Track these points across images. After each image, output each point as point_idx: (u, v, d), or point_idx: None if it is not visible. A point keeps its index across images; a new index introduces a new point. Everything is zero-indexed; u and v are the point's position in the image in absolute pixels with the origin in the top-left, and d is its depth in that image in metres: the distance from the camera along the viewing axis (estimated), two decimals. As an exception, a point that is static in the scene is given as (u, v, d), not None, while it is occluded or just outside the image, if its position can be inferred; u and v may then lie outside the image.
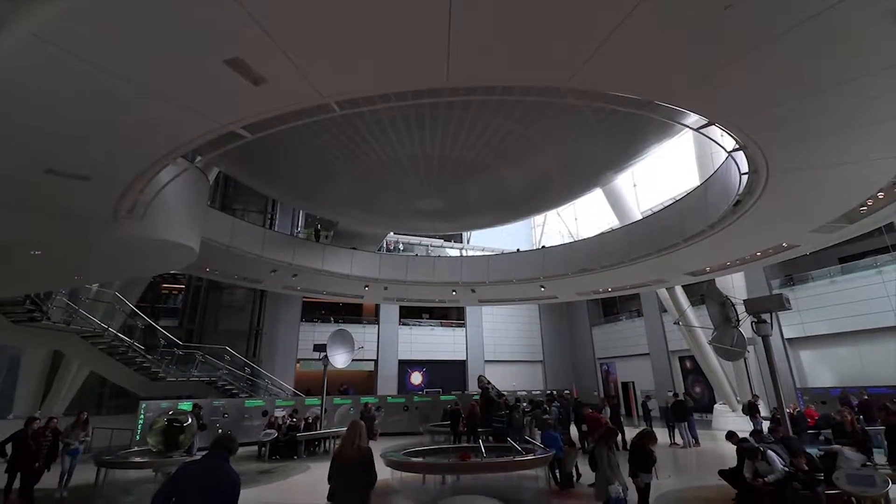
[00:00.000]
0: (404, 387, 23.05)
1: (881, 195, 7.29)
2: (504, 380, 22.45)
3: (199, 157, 7.01)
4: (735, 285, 15.22)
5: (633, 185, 22.39)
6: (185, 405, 11.96)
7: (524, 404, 12.73)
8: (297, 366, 21.22)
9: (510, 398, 14.24)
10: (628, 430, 11.65)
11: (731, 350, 8.63)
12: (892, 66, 4.10)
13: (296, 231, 21.46)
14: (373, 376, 23.03)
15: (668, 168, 20.36)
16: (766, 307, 7.20)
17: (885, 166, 6.24)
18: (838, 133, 5.36)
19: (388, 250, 23.56)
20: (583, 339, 26.26)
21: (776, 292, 13.90)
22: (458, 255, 24.48)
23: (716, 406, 16.65)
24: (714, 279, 13.80)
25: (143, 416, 12.02)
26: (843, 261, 15.25)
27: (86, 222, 6.22)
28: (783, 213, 8.29)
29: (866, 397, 11.17)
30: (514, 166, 10.09)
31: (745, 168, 6.81)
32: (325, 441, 12.83)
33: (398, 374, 23.21)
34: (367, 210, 13.45)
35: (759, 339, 7.35)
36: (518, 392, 19.34)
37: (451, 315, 26.35)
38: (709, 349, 15.71)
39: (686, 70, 4.23)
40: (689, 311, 16.43)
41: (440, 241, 26.75)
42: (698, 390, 19.03)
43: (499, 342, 25.93)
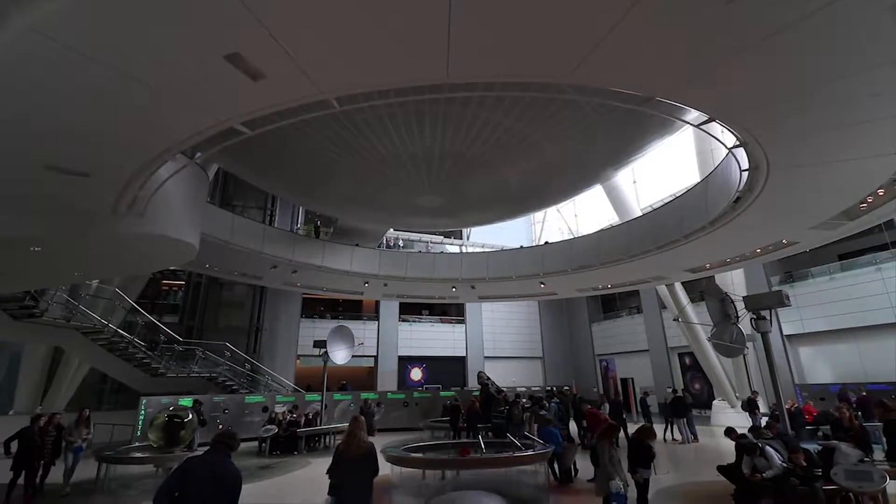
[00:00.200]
0: (404, 383, 23.12)
1: (881, 192, 7.28)
2: (504, 376, 22.54)
3: (198, 154, 6.98)
4: (735, 282, 15.25)
5: (634, 182, 22.37)
6: (186, 401, 11.98)
7: (524, 400, 12.78)
8: (298, 362, 21.27)
9: (510, 394, 14.29)
10: (628, 427, 11.69)
11: (731, 346, 8.66)
12: (892, 63, 4.08)
13: (295, 227, 21.45)
14: (373, 372, 23.10)
15: (669, 165, 20.32)
16: (765, 304, 7.22)
17: (885, 163, 6.23)
18: (839, 129, 5.34)
19: (388, 247, 23.56)
20: (582, 336, 26.31)
21: (776, 289, 13.88)
22: (457, 251, 24.48)
23: (714, 402, 16.70)
24: (714, 276, 13.82)
25: (143, 412, 12.06)
26: (842, 258, 15.25)
27: (85, 218, 6.22)
28: (783, 210, 8.28)
29: (865, 394, 11.22)
30: (514, 163, 10.07)
31: (745, 165, 6.80)
32: (326, 437, 12.88)
33: (398, 371, 23.27)
34: (367, 206, 13.44)
35: (759, 335, 7.37)
36: (517, 388, 19.40)
37: (450, 311, 26.39)
38: (708, 346, 15.73)
39: (686, 66, 4.21)
40: (689, 308, 16.44)
41: (440, 238, 26.75)
42: (697, 386, 19.09)
43: (498, 338, 25.99)
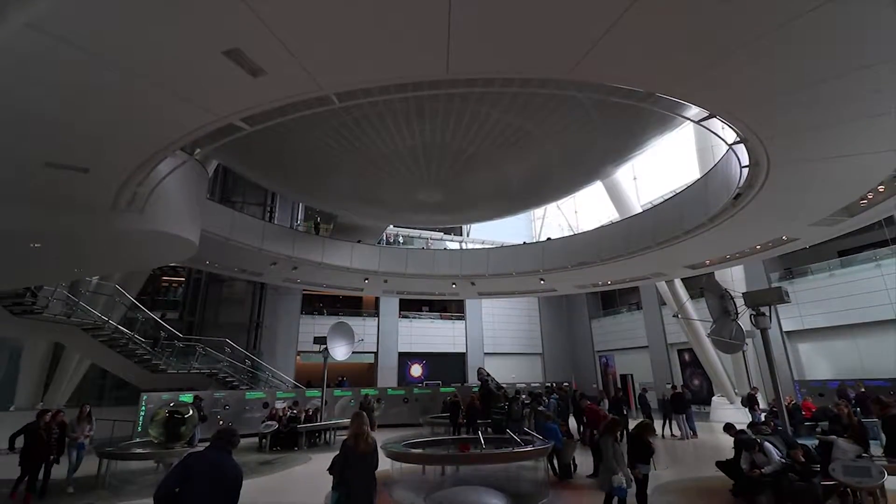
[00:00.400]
0: (404, 379, 23.18)
1: (881, 188, 7.28)
2: (503, 372, 22.56)
3: (197, 150, 6.97)
4: (734, 278, 15.27)
5: (634, 179, 22.34)
6: (186, 397, 12.02)
7: (523, 396, 12.81)
8: (298, 358, 21.31)
9: (509, 390, 14.33)
10: (629, 423, 11.72)
11: (730, 343, 8.67)
12: (893, 60, 4.07)
13: (295, 224, 21.44)
14: (373, 368, 23.16)
15: (669, 161, 20.29)
16: (765, 300, 7.23)
17: (886, 159, 6.22)
18: (839, 126, 5.33)
19: (388, 243, 23.56)
20: (582, 332, 26.36)
21: (775, 285, 13.90)
22: (457, 247, 24.48)
23: (714, 398, 16.77)
24: (713, 272, 13.83)
25: (144, 408, 12.08)
26: (842, 254, 15.25)
27: (85, 214, 6.21)
28: (783, 206, 8.28)
29: (863, 390, 11.25)
30: (514, 159, 10.05)
31: (745, 161, 6.80)
32: (326, 432, 12.93)
33: (398, 367, 23.33)
34: (367, 203, 13.42)
35: (758, 331, 7.38)
36: (517, 384, 19.45)
37: (450, 308, 26.41)
38: (707, 342, 15.76)
39: (686, 62, 4.20)
40: (688, 304, 16.47)
41: (440, 234, 26.74)
42: (696, 383, 19.15)
43: (498, 335, 26.04)
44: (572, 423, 12.29)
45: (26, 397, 13.93)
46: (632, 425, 6.63)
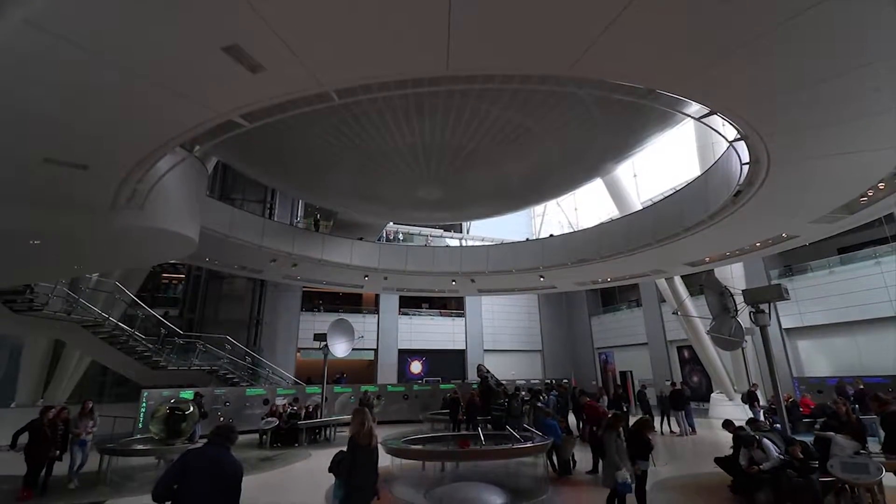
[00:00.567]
0: (404, 375, 23.23)
1: (881, 185, 7.27)
2: (503, 369, 22.60)
3: (197, 147, 6.95)
4: (734, 275, 15.27)
5: (634, 176, 22.31)
6: (187, 394, 12.04)
7: (523, 393, 12.84)
8: (298, 355, 21.35)
9: (509, 387, 14.36)
10: (629, 419, 11.76)
11: (729, 340, 8.68)
12: (893, 58, 4.06)
13: (295, 221, 21.43)
14: (373, 365, 23.21)
15: (669, 158, 20.26)
16: (764, 297, 7.23)
17: (886, 157, 6.21)
18: (840, 123, 5.32)
19: (388, 240, 23.55)
20: (582, 329, 26.39)
21: (775, 282, 13.91)
22: (457, 244, 24.47)
23: (713, 395, 16.81)
24: (713, 269, 13.83)
25: (145, 405, 12.12)
26: (842, 251, 15.25)
27: (85, 212, 6.21)
28: (783, 203, 8.27)
29: (862, 387, 11.27)
30: (514, 156, 10.04)
31: (746, 158, 6.78)
32: (326, 429, 12.96)
33: (398, 363, 23.38)
34: (367, 199, 13.41)
35: (757, 328, 7.39)
36: (517, 381, 19.50)
37: (450, 305, 26.44)
38: (707, 339, 15.80)
39: (686, 59, 4.18)
40: (688, 301, 16.48)
41: (440, 231, 26.72)
42: (696, 379, 19.19)
43: (498, 332, 26.07)
44: (572, 419, 12.33)
45: (27, 394, 13.95)
46: (631, 422, 6.65)
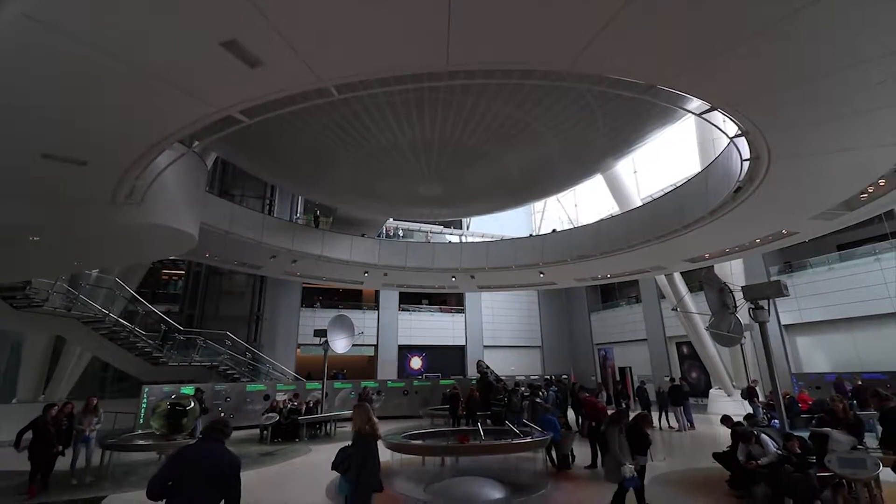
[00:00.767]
0: (404, 371, 23.31)
1: (882, 182, 7.26)
2: (503, 365, 22.70)
3: (196, 142, 6.93)
4: (733, 272, 15.29)
5: (634, 172, 22.28)
6: (188, 389, 12.08)
7: (522, 388, 12.89)
8: (298, 351, 21.40)
9: (508, 383, 14.42)
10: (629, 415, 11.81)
11: (728, 336, 8.70)
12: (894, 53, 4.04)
13: (295, 217, 21.42)
14: (373, 361, 23.27)
15: (670, 155, 20.23)
16: (764, 294, 7.23)
17: (887, 153, 6.20)
18: (841, 119, 5.30)
19: (388, 236, 23.55)
20: (581, 325, 26.45)
21: (774, 279, 13.93)
22: (457, 241, 24.47)
23: (711, 391, 16.87)
24: (713, 266, 13.85)
25: (146, 400, 12.16)
26: (841, 248, 15.26)
27: (84, 207, 6.20)
28: (783, 200, 8.26)
29: (860, 383, 11.31)
30: (515, 152, 10.02)
31: (746, 154, 6.77)
32: (326, 424, 13.02)
33: (398, 359, 23.43)
34: (367, 196, 13.39)
35: (756, 325, 7.40)
36: (516, 377, 19.56)
37: (450, 301, 26.48)
38: (706, 335, 15.84)
39: (686, 55, 4.16)
40: (688, 298, 16.51)
41: (440, 228, 26.73)
42: (694, 375, 19.25)
43: (498, 328, 26.12)
44: (571, 415, 12.39)
45: (28, 390, 13.99)
46: (630, 418, 6.67)
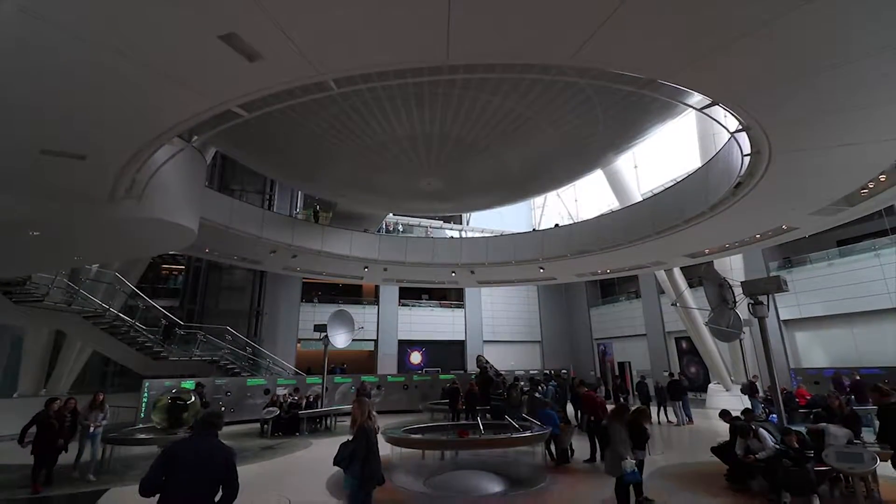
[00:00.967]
0: (404, 366, 23.38)
1: (883, 177, 7.25)
2: (502, 360, 22.75)
3: (195, 137, 6.91)
4: (733, 267, 15.31)
5: (634, 167, 22.21)
6: (188, 384, 12.11)
7: (522, 383, 12.93)
8: (298, 345, 21.46)
9: (508, 377, 14.46)
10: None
11: (727, 331, 8.72)
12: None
13: (295, 212, 21.37)
14: (373, 356, 23.34)
15: (670, 150, 20.16)
16: (763, 289, 7.24)
17: (888, 148, 6.18)
18: (842, 113, 5.28)
19: (388, 231, 23.53)
20: (581, 320, 26.51)
21: (774, 274, 13.93)
22: (457, 236, 24.45)
23: (710, 386, 16.94)
24: (712, 261, 13.85)
25: (147, 395, 12.20)
26: (841, 244, 15.26)
27: (84, 202, 6.18)
28: (784, 195, 8.25)
29: (858, 378, 11.34)
30: (515, 146, 9.99)
31: (747, 149, 6.75)
32: (327, 418, 13.08)
33: (398, 354, 23.51)
34: (367, 190, 13.37)
35: (755, 320, 7.41)
36: (516, 371, 19.62)
37: (450, 296, 26.50)
38: (705, 330, 15.87)
39: (687, 48, 4.14)
40: (687, 293, 16.52)
41: (440, 223, 26.70)
42: (693, 370, 19.32)
43: (497, 323, 26.17)
44: (570, 409, 12.44)
45: (29, 384, 14.01)
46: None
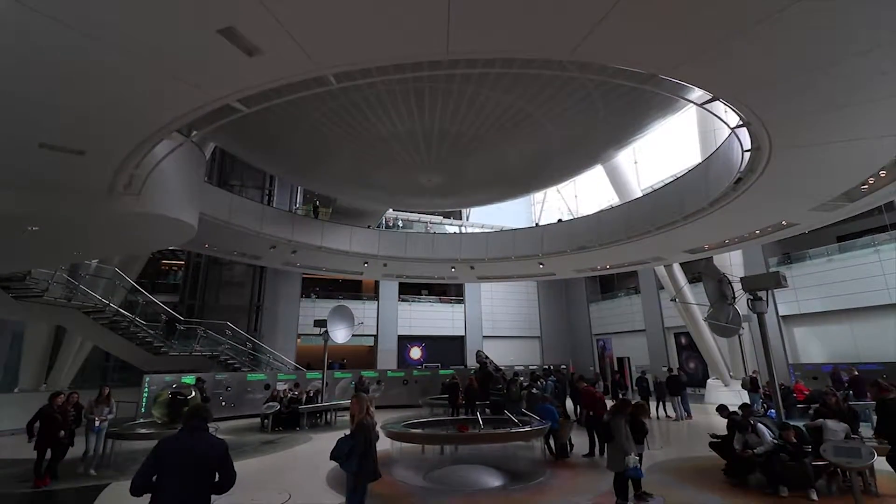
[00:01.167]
0: (404, 361, 23.46)
1: (883, 173, 7.23)
2: (502, 355, 22.82)
3: (194, 132, 6.88)
4: (733, 263, 15.31)
5: (635, 163, 22.16)
6: (189, 379, 12.15)
7: (521, 378, 12.99)
8: (298, 341, 21.51)
9: (507, 373, 14.52)
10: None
11: (727, 327, 8.75)
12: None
13: (294, 207, 21.34)
14: (373, 351, 23.40)
15: (670, 145, 20.12)
16: (762, 285, 7.24)
17: (888, 144, 6.17)
18: (843, 109, 5.26)
19: (388, 227, 23.51)
20: (580, 316, 26.56)
21: (773, 270, 13.95)
22: (457, 231, 24.44)
23: (709, 381, 17.01)
24: (712, 257, 13.86)
25: (147, 390, 12.23)
26: (841, 239, 15.27)
27: (83, 198, 6.17)
28: (784, 191, 8.24)
29: (856, 373, 11.39)
30: (515, 142, 9.96)
31: (747, 145, 6.74)
32: (326, 413, 13.13)
33: (398, 349, 23.58)
34: (366, 186, 13.35)
35: (754, 315, 7.43)
36: (515, 367, 19.69)
37: (449, 291, 26.54)
38: (704, 326, 15.92)
39: (687, 44, 4.12)
40: (686, 289, 16.55)
41: (439, 218, 26.68)
42: (692, 366, 19.39)
43: (497, 318, 26.23)
44: (569, 404, 12.50)
45: (30, 379, 14.07)
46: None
